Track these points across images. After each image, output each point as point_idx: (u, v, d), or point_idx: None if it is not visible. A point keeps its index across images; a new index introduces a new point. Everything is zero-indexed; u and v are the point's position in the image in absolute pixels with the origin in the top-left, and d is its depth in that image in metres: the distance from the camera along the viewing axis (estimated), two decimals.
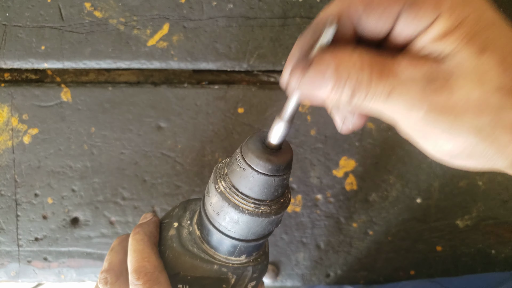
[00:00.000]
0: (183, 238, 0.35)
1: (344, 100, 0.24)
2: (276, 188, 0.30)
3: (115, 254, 0.38)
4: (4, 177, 0.55)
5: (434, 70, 0.23)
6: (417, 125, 0.24)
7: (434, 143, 0.25)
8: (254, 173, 0.29)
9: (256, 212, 0.30)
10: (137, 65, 0.55)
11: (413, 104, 0.23)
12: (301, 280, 0.55)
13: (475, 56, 0.22)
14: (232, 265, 0.34)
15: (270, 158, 0.29)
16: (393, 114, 0.24)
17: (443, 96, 0.23)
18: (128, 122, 0.55)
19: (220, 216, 0.31)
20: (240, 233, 0.32)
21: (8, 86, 0.55)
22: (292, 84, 0.25)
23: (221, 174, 0.31)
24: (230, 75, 0.57)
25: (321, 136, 0.55)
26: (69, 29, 0.55)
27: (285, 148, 0.30)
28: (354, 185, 0.56)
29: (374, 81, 0.23)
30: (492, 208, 0.56)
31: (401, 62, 0.23)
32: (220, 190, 0.31)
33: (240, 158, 0.30)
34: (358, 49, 0.24)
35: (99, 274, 0.36)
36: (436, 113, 0.23)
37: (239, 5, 0.55)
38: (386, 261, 0.56)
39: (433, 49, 0.23)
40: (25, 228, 0.54)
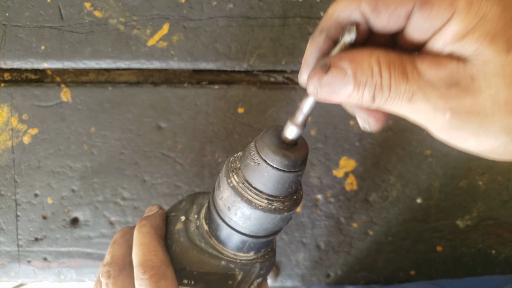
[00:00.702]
0: (191, 232, 0.35)
1: (365, 102, 0.24)
2: (291, 184, 0.29)
3: (118, 247, 0.37)
4: (4, 177, 0.55)
5: (457, 72, 0.22)
6: (444, 128, 0.23)
7: (463, 144, 0.24)
8: (269, 168, 0.28)
9: (269, 208, 0.29)
10: (137, 65, 0.55)
11: (437, 107, 0.22)
12: (301, 280, 0.55)
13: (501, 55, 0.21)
14: (240, 261, 0.34)
15: (287, 153, 0.28)
16: (417, 117, 0.24)
17: (468, 99, 0.22)
18: (128, 122, 0.55)
19: (232, 211, 0.31)
20: (251, 229, 0.31)
21: (8, 86, 0.55)
22: (310, 89, 0.24)
23: (233, 168, 0.30)
24: (230, 75, 0.57)
25: (321, 136, 0.55)
26: (69, 29, 0.55)
27: (301, 143, 0.29)
28: (354, 185, 0.55)
29: (394, 85, 0.23)
30: (493, 208, 0.56)
31: (422, 64, 0.23)
32: (232, 184, 0.30)
33: (254, 153, 0.29)
34: (376, 51, 0.23)
35: (100, 267, 0.36)
36: (462, 116, 0.22)
37: (239, 5, 0.55)
38: (386, 262, 0.56)
39: (454, 49, 0.22)
40: (25, 228, 0.54)
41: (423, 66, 0.23)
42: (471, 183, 0.56)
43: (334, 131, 0.55)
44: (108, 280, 0.34)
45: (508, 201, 0.56)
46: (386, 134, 0.55)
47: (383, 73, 0.23)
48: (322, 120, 0.55)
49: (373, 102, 0.23)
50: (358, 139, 0.55)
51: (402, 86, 0.22)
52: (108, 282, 0.34)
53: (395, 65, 0.23)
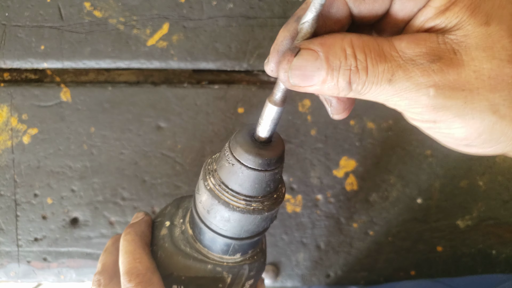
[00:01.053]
0: (175, 237, 0.34)
1: (341, 89, 0.22)
2: (268, 183, 0.28)
3: (108, 255, 0.37)
4: (4, 177, 0.54)
5: (438, 46, 0.21)
6: (427, 111, 0.22)
7: (447, 130, 0.23)
8: (244, 168, 0.27)
9: (248, 209, 0.29)
10: (137, 65, 0.55)
11: (419, 85, 0.21)
12: (301, 281, 0.55)
13: (481, 27, 0.21)
14: (227, 264, 0.33)
15: (260, 152, 0.27)
16: (399, 100, 0.22)
17: (451, 73, 0.21)
18: (127, 122, 0.55)
19: (211, 214, 0.30)
20: (232, 231, 0.30)
21: (7, 86, 0.55)
22: (281, 76, 0.23)
23: (210, 170, 0.30)
24: (230, 75, 0.56)
25: (321, 136, 0.55)
26: (69, 28, 0.55)
27: (276, 141, 0.28)
28: (354, 185, 0.55)
29: (371, 66, 0.21)
30: (493, 209, 0.56)
31: (400, 43, 0.22)
32: (209, 187, 0.29)
33: (228, 153, 0.28)
34: (348, 35, 0.22)
35: (93, 276, 0.36)
36: (446, 93, 0.21)
37: (239, 4, 0.55)
38: (387, 262, 0.55)
39: (435, 24, 0.22)
40: (25, 228, 0.54)
41: (401, 45, 0.22)
42: (471, 183, 0.56)
43: (334, 131, 0.55)
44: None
45: (509, 201, 0.56)
46: (386, 134, 0.55)
47: (358, 54, 0.21)
48: (322, 120, 0.55)
49: (350, 88, 0.22)
50: (358, 139, 0.55)
51: (380, 66, 0.21)
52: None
53: (369, 46, 0.21)
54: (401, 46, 0.21)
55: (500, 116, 0.21)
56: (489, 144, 0.22)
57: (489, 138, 0.22)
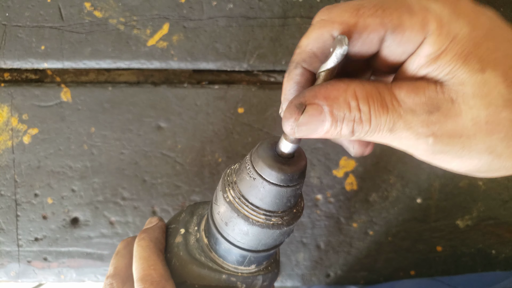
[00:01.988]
0: (190, 245, 0.34)
1: (344, 136, 0.23)
2: (289, 199, 0.28)
3: (120, 258, 0.36)
4: (4, 177, 0.55)
5: (437, 96, 0.22)
6: (427, 153, 0.23)
7: (448, 165, 0.24)
8: (265, 183, 0.27)
9: (267, 224, 0.28)
10: (137, 65, 0.55)
11: (419, 134, 0.22)
12: (301, 280, 0.55)
13: (476, 75, 0.21)
14: (242, 274, 0.33)
15: (283, 167, 0.27)
16: (400, 144, 0.24)
17: (450, 123, 0.22)
18: (128, 122, 0.55)
19: (229, 226, 0.30)
20: (249, 244, 0.30)
21: (8, 86, 0.55)
22: (287, 130, 0.24)
23: (229, 182, 0.29)
24: (230, 75, 0.57)
25: None
26: (69, 29, 0.55)
27: (298, 156, 0.28)
28: (354, 185, 0.55)
29: (374, 118, 0.22)
30: (493, 208, 0.56)
31: (400, 91, 0.22)
32: (228, 199, 0.29)
33: (250, 167, 0.28)
34: (352, 84, 0.22)
35: (104, 279, 0.35)
36: (444, 140, 0.22)
37: (239, 5, 0.55)
38: (386, 261, 0.56)
39: (429, 72, 0.22)
40: (25, 228, 0.54)
41: (401, 94, 0.22)
42: (471, 183, 0.56)
43: None
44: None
45: (508, 201, 0.56)
46: None
47: (362, 107, 0.22)
48: None
49: (352, 135, 0.23)
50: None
51: (383, 118, 0.22)
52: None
53: (373, 97, 0.22)
54: (401, 95, 0.22)
55: (497, 155, 0.22)
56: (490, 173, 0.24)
57: (489, 170, 0.23)
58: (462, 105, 0.21)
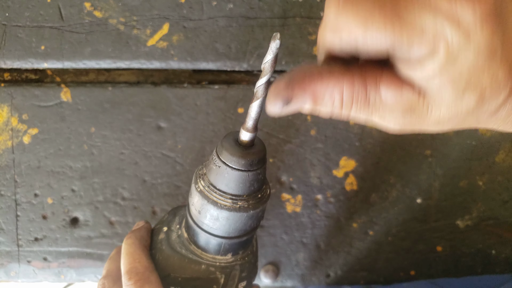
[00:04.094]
0: (172, 240, 0.37)
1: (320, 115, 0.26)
2: (252, 183, 0.31)
3: (112, 262, 0.40)
4: (4, 177, 0.55)
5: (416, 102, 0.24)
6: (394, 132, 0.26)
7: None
8: (229, 169, 0.30)
9: (234, 207, 0.32)
10: (137, 65, 0.55)
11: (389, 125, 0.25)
12: (301, 281, 0.55)
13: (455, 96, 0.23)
14: (220, 264, 0.36)
15: (243, 154, 0.30)
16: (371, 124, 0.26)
17: (417, 124, 0.25)
18: (128, 122, 0.55)
19: (202, 214, 0.33)
20: (222, 229, 0.33)
21: (8, 86, 0.55)
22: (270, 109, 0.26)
23: (200, 175, 0.33)
24: (230, 75, 0.57)
25: (321, 136, 0.55)
26: (69, 29, 0.55)
27: (258, 145, 0.32)
28: (354, 185, 0.55)
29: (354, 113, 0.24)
30: (493, 208, 0.56)
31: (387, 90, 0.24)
32: (199, 189, 0.32)
33: (215, 157, 0.31)
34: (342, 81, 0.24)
35: (98, 281, 0.38)
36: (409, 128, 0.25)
37: (239, 5, 0.55)
38: (386, 261, 0.56)
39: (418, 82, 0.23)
40: (25, 228, 0.54)
41: (387, 94, 0.24)
42: (471, 183, 0.56)
43: (334, 131, 0.55)
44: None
45: (508, 201, 0.56)
46: (386, 134, 0.55)
47: (345, 107, 0.24)
48: (322, 120, 0.55)
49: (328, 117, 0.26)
50: (358, 139, 0.55)
51: (363, 112, 0.24)
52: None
53: (358, 97, 0.24)
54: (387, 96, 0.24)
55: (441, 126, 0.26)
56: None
57: None
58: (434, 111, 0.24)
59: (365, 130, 0.55)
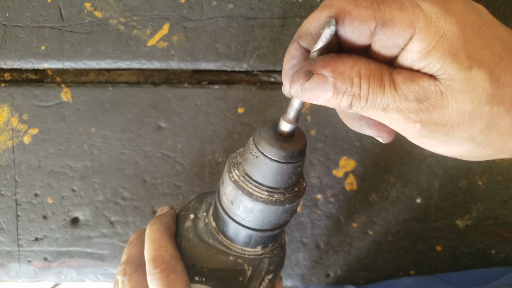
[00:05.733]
0: (199, 229, 0.36)
1: (342, 107, 0.25)
2: (290, 176, 0.30)
3: (133, 247, 0.38)
4: (4, 177, 0.55)
5: (429, 87, 0.23)
6: (415, 136, 0.25)
7: (434, 149, 0.26)
8: (267, 160, 0.29)
9: (270, 200, 0.30)
10: (137, 65, 0.55)
11: (408, 119, 0.24)
12: (301, 280, 0.55)
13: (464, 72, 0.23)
14: (248, 256, 0.34)
15: (283, 145, 0.29)
16: (391, 124, 0.26)
17: (436, 113, 0.24)
18: (128, 122, 0.55)
19: (235, 205, 0.31)
20: (254, 222, 0.32)
21: (8, 86, 0.55)
22: (293, 92, 0.26)
23: (234, 163, 0.31)
24: (230, 75, 0.57)
25: (321, 136, 0.55)
26: (69, 29, 0.55)
27: (298, 135, 0.30)
28: (354, 185, 0.56)
29: (371, 96, 0.24)
30: (492, 208, 0.56)
31: (398, 77, 0.24)
32: (234, 178, 0.31)
33: (253, 146, 0.30)
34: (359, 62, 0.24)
35: (118, 267, 0.37)
36: (430, 127, 0.24)
37: (239, 5, 0.55)
38: (386, 261, 0.56)
39: (422, 66, 0.24)
40: (25, 228, 0.54)
41: (399, 79, 0.24)
42: (470, 183, 0.56)
43: (334, 131, 0.55)
44: (124, 278, 0.35)
45: (508, 201, 0.56)
46: None
47: (363, 84, 0.24)
48: (322, 120, 0.55)
49: (350, 108, 0.25)
50: (358, 139, 0.55)
51: (379, 97, 0.24)
52: (124, 280, 0.35)
53: (374, 77, 0.24)
54: (398, 80, 0.24)
55: (477, 143, 0.25)
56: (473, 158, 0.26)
57: (471, 156, 0.26)
58: (450, 98, 0.23)
59: None
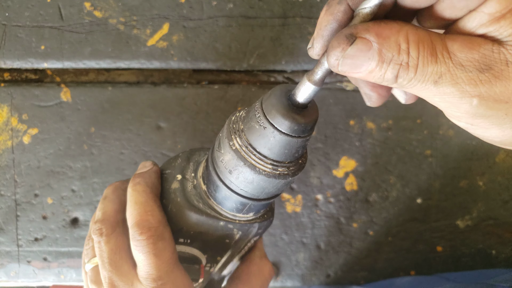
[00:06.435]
0: (188, 192, 0.33)
1: (386, 80, 0.22)
2: (297, 150, 0.27)
3: (109, 203, 0.35)
4: (4, 177, 0.55)
5: (492, 55, 0.20)
6: (467, 115, 0.22)
7: (483, 133, 0.23)
8: (277, 133, 0.26)
9: (274, 173, 0.28)
10: (137, 65, 0.55)
11: (464, 93, 0.21)
12: (301, 281, 0.55)
13: None
14: (239, 222, 0.33)
15: (297, 117, 0.25)
16: (440, 101, 0.22)
17: (499, 86, 0.20)
18: (127, 122, 0.55)
19: (233, 174, 0.29)
20: (252, 192, 0.30)
21: (7, 86, 0.55)
22: (331, 61, 0.22)
23: (236, 130, 0.28)
24: (230, 75, 0.57)
25: (321, 136, 0.55)
26: (69, 29, 0.55)
27: (312, 106, 0.27)
28: (354, 185, 0.55)
29: (421, 65, 0.21)
30: (493, 209, 0.56)
31: (453, 43, 0.21)
32: (235, 147, 0.28)
33: (260, 115, 0.26)
34: (405, 27, 0.21)
35: (91, 224, 0.34)
36: (489, 104, 0.21)
37: (239, 4, 0.55)
38: (386, 262, 0.56)
39: (488, 31, 0.21)
40: (25, 228, 0.54)
41: (454, 46, 0.21)
42: (471, 183, 0.56)
43: (334, 131, 0.55)
44: (100, 238, 0.33)
45: (509, 201, 0.56)
46: (386, 134, 0.55)
47: (411, 51, 0.21)
48: (322, 120, 0.55)
49: (395, 81, 0.22)
50: (358, 139, 0.55)
51: (430, 67, 0.21)
52: (100, 240, 0.33)
53: (424, 43, 0.21)
54: (454, 47, 0.21)
55: None
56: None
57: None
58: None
59: (365, 130, 0.55)
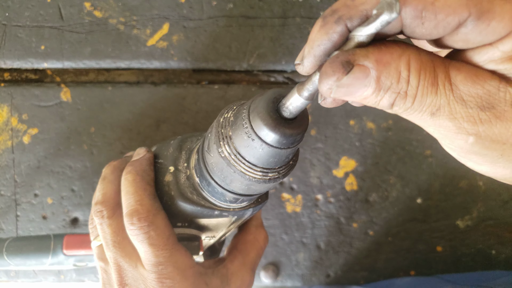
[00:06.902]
0: (181, 184, 0.33)
1: (381, 106, 0.21)
2: (288, 156, 0.26)
3: (108, 184, 0.35)
4: (4, 177, 0.55)
5: (495, 94, 0.19)
6: (461, 150, 0.21)
7: (476, 167, 0.22)
8: (265, 145, 0.25)
9: (264, 179, 0.27)
10: (137, 65, 0.55)
11: (461, 129, 0.20)
12: (301, 281, 0.55)
13: None
14: (234, 209, 0.33)
15: (285, 131, 0.24)
16: (435, 132, 0.21)
17: (498, 127, 0.19)
18: (128, 122, 0.55)
19: (224, 176, 0.29)
20: (244, 192, 0.30)
21: (7, 86, 0.55)
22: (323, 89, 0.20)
23: (224, 136, 0.27)
24: (230, 75, 0.57)
25: (321, 136, 0.55)
26: (69, 28, 0.55)
27: (302, 117, 0.25)
28: (354, 185, 0.55)
29: (420, 96, 0.19)
30: (493, 209, 0.56)
31: (457, 74, 0.19)
32: (224, 155, 0.27)
33: (247, 125, 0.25)
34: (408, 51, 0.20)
35: (93, 205, 0.34)
36: (485, 144, 0.20)
37: (239, 4, 0.55)
38: (386, 262, 0.56)
39: (498, 68, 0.19)
40: (25, 228, 0.54)
41: (457, 78, 0.19)
42: (471, 183, 0.56)
43: (334, 131, 0.55)
44: (102, 220, 0.33)
45: (508, 201, 0.56)
46: (386, 134, 0.55)
47: (412, 79, 0.19)
48: (322, 120, 0.55)
49: (390, 108, 0.21)
50: (358, 139, 0.55)
51: (429, 98, 0.19)
52: (102, 222, 0.33)
53: (426, 71, 0.19)
54: (457, 79, 0.19)
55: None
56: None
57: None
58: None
59: (365, 130, 0.55)
